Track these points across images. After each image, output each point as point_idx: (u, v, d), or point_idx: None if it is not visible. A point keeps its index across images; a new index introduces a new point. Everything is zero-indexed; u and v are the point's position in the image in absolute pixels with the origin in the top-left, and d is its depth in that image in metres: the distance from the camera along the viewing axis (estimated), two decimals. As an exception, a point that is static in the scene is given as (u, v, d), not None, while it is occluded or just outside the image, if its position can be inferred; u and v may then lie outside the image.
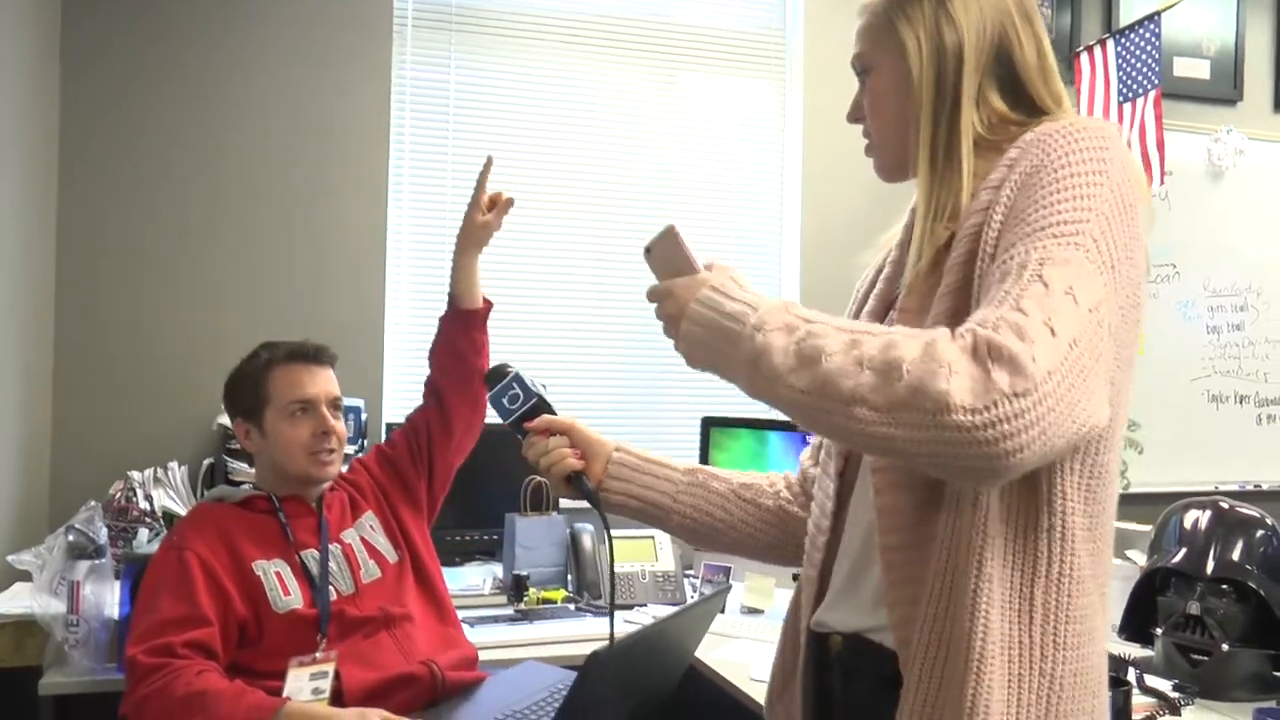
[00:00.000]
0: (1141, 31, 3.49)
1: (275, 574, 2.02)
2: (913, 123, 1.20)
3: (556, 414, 1.43)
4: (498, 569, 3.02)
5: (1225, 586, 2.14)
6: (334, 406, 2.17)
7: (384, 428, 3.18)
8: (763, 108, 3.77)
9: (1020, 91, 1.21)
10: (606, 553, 2.89)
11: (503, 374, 1.47)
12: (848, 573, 1.24)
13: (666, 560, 2.96)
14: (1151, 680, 2.14)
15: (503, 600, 2.80)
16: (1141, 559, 2.54)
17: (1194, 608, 2.14)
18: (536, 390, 1.44)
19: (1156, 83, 3.44)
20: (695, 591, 2.97)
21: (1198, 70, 4.11)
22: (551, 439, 1.41)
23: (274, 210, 3.24)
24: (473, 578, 2.96)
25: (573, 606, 2.79)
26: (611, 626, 1.38)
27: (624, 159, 3.61)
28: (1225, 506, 2.25)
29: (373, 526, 2.22)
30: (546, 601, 2.77)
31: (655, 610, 2.76)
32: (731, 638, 2.54)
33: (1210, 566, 2.16)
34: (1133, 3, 3.96)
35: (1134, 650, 2.32)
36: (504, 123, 3.49)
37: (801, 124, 3.71)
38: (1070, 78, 3.67)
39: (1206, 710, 2.03)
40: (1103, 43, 3.63)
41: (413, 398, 2.47)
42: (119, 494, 2.76)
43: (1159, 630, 2.20)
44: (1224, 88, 4.14)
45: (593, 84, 3.59)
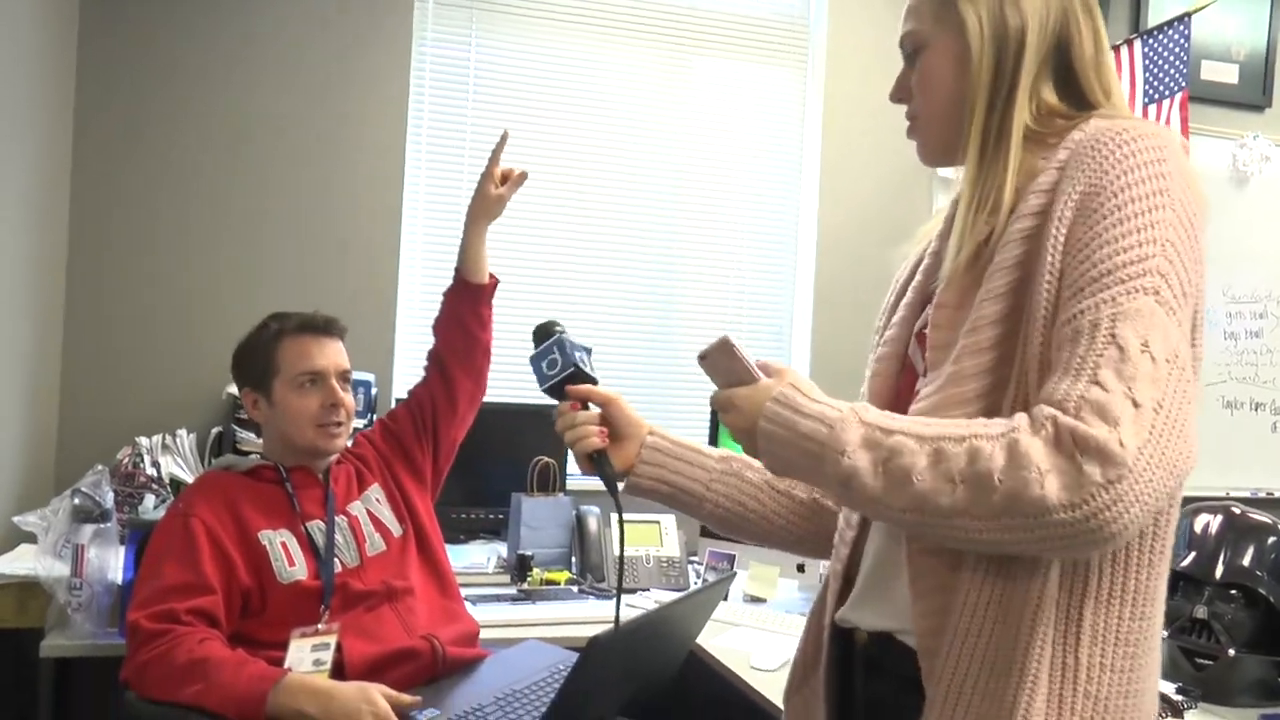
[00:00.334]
0: (1170, 33, 3.45)
1: (280, 544, 2.02)
2: (967, 106, 1.18)
3: (598, 383, 1.39)
4: (502, 548, 3.02)
5: (1233, 591, 2.12)
6: (343, 379, 2.16)
7: (393, 402, 3.18)
8: (783, 96, 3.74)
9: (1072, 84, 1.18)
10: (612, 536, 2.90)
11: (548, 334, 1.41)
12: (875, 571, 1.23)
13: (671, 546, 2.95)
14: (1156, 683, 2.13)
15: (506, 580, 2.80)
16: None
17: (1201, 612, 2.12)
18: (575, 359, 1.38)
19: (1183, 85, 3.41)
20: (699, 578, 2.96)
21: (1226, 74, 4.07)
22: (582, 413, 1.37)
23: (289, 183, 3.24)
24: (477, 556, 2.96)
25: (576, 588, 2.79)
26: (618, 611, 1.35)
27: (641, 143, 3.60)
28: (1236, 512, 2.24)
29: (378, 499, 2.22)
30: (550, 583, 2.77)
31: (659, 595, 2.76)
32: (734, 625, 2.53)
33: (1219, 571, 2.14)
34: (1162, 4, 3.92)
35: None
36: (522, 102, 3.48)
37: (821, 114, 3.68)
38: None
39: (1210, 715, 2.02)
40: (1130, 43, 3.59)
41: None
42: (126, 459, 2.77)
43: (1165, 633, 2.18)
44: (1252, 93, 4.09)
45: (612, 67, 3.57)
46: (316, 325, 2.17)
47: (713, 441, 3.12)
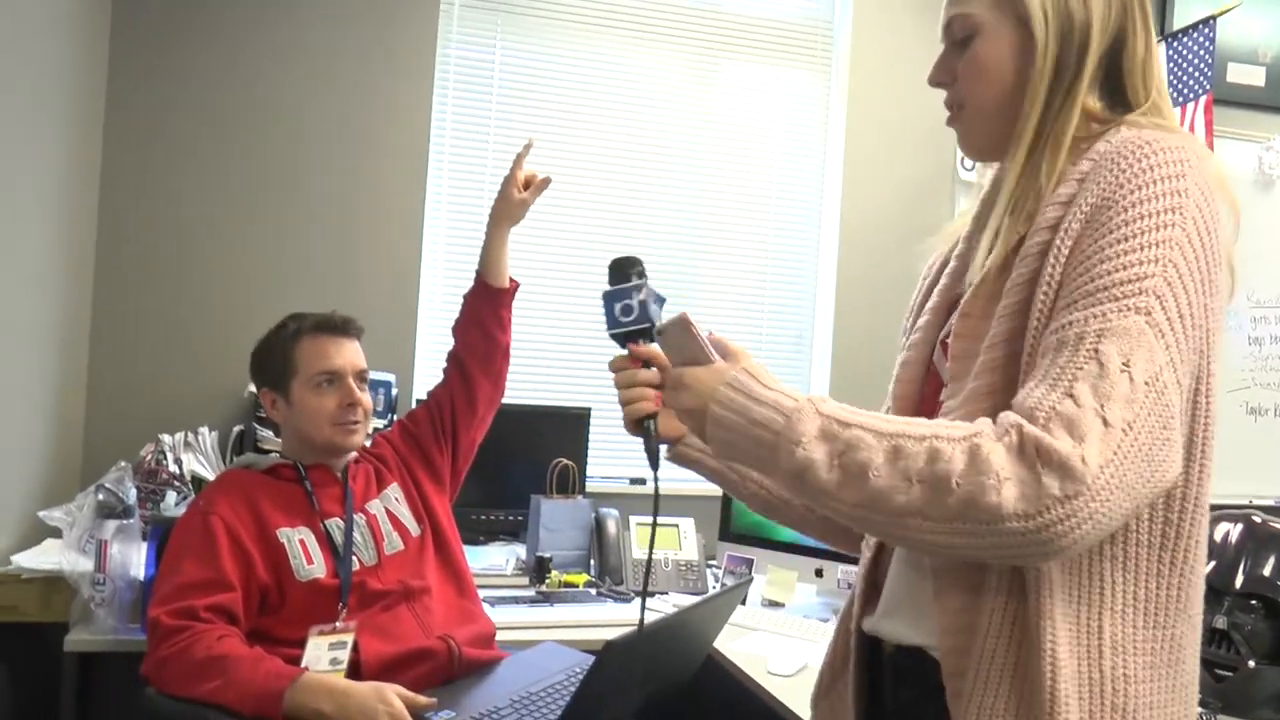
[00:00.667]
0: (1195, 35, 3.43)
1: (299, 541, 2.03)
2: (1027, 101, 1.12)
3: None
4: (521, 550, 3.03)
5: (1254, 602, 2.10)
6: (360, 378, 2.18)
7: (414, 403, 3.18)
8: (806, 100, 3.73)
9: (1116, 84, 1.15)
10: (631, 539, 2.90)
11: (627, 273, 1.32)
12: (902, 581, 1.21)
13: (690, 549, 2.95)
14: (1174, 694, 2.11)
15: (524, 581, 2.81)
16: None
17: (1221, 622, 2.10)
18: (652, 314, 1.28)
19: (1208, 88, 3.38)
20: (717, 582, 2.96)
21: (1252, 77, 4.04)
22: (643, 372, 1.28)
23: (313, 184, 3.26)
24: (495, 557, 2.97)
25: (594, 591, 2.79)
26: (643, 613, 1.32)
27: (663, 146, 3.60)
28: (1257, 520, 2.21)
29: (397, 499, 2.23)
30: (568, 585, 2.77)
31: (677, 599, 2.76)
32: (751, 630, 2.53)
33: (1239, 581, 2.12)
34: (1188, 6, 3.89)
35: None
36: (547, 106, 3.49)
37: (844, 118, 3.67)
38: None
39: (1229, 727, 2.01)
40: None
41: (443, 375, 2.47)
42: (149, 456, 2.79)
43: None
44: (1279, 96, 4.06)
45: (636, 70, 3.58)
46: (334, 325, 2.18)
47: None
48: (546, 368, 3.46)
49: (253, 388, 2.84)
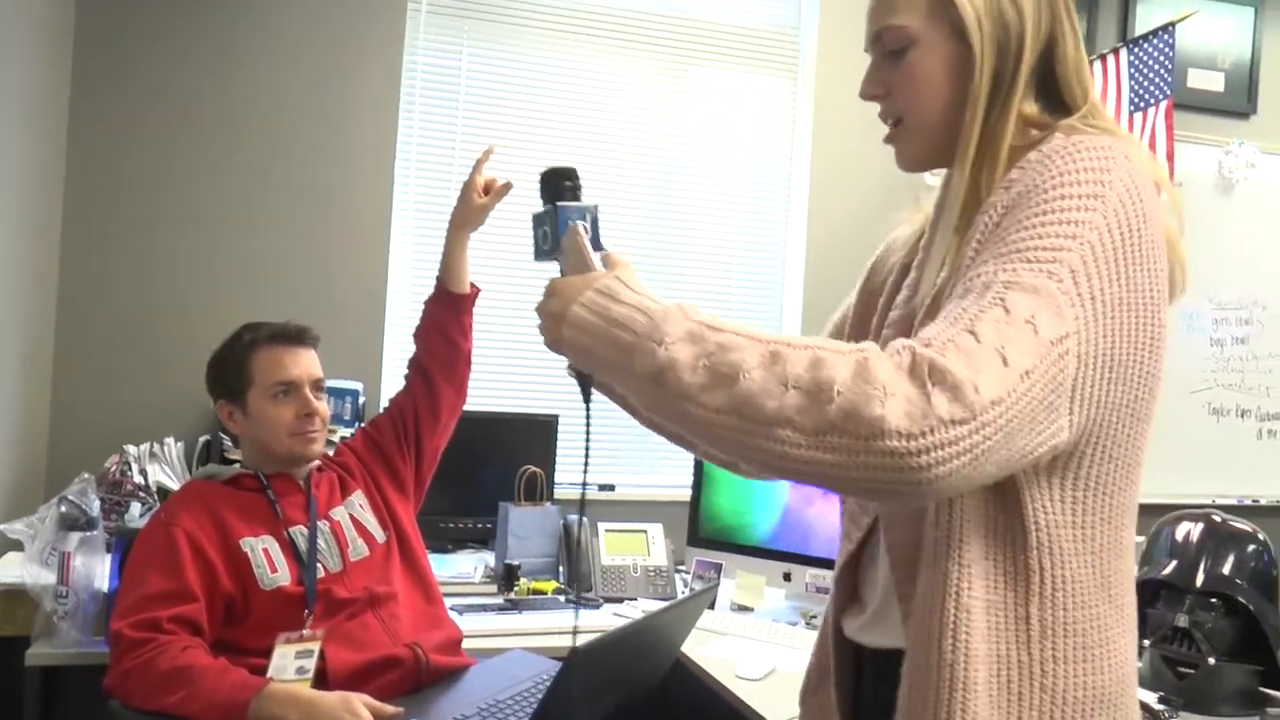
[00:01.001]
0: (1155, 41, 3.48)
1: (263, 550, 2.02)
2: (968, 112, 1.10)
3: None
4: (489, 557, 3.02)
5: (1214, 600, 2.13)
6: (316, 388, 2.17)
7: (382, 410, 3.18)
8: (774, 106, 3.76)
9: (1052, 87, 1.13)
10: (600, 546, 2.90)
11: (555, 192, 1.20)
12: (883, 590, 1.20)
13: (658, 555, 2.95)
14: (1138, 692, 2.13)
15: (493, 589, 2.80)
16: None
17: (1182, 620, 2.13)
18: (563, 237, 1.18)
19: (1169, 93, 3.43)
20: (686, 587, 2.96)
21: (1212, 82, 4.10)
22: None
23: (279, 191, 3.24)
24: (464, 565, 2.96)
25: (563, 598, 2.78)
26: (577, 607, 1.33)
27: (632, 153, 3.61)
28: (1217, 520, 2.25)
29: (362, 505, 2.22)
30: (537, 592, 2.77)
31: (645, 605, 2.76)
32: (720, 634, 2.54)
33: (1200, 579, 2.15)
34: (1149, 13, 3.94)
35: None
36: (513, 112, 3.49)
37: (811, 123, 3.70)
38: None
39: (1191, 724, 2.03)
40: (1116, 52, 3.61)
41: (410, 383, 2.47)
42: (114, 467, 2.76)
43: (1147, 642, 2.19)
44: (1238, 100, 4.12)
45: (604, 77, 3.59)
46: (289, 335, 2.17)
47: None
48: (514, 375, 3.46)
49: (217, 398, 2.84)
